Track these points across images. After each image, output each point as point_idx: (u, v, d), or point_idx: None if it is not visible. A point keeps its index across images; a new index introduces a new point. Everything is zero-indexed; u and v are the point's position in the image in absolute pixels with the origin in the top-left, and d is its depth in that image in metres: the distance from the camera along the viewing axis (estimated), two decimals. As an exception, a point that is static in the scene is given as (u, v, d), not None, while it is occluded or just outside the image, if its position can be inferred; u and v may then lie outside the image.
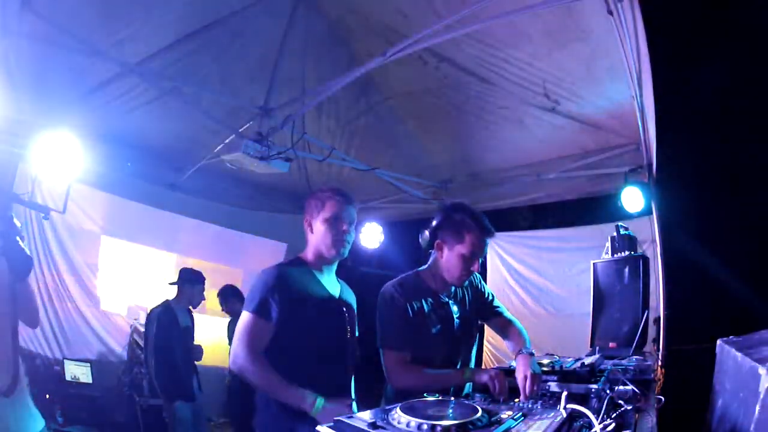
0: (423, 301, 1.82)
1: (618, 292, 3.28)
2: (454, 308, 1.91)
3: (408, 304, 1.78)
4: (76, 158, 3.10)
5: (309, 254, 1.78)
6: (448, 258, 1.82)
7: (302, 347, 1.62)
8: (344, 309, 1.79)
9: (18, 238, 1.66)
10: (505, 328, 2.00)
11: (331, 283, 1.80)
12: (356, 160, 4.34)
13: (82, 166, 3.17)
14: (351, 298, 1.88)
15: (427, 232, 1.89)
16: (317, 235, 1.73)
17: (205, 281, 3.68)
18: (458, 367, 1.89)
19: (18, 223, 1.73)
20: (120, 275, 4.72)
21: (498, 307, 2.05)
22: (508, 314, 2.05)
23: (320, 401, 1.49)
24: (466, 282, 1.96)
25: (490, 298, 2.05)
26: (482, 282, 2.08)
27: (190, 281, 3.56)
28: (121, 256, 4.74)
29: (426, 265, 1.93)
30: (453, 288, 1.93)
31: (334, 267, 1.83)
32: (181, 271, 3.67)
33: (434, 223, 1.88)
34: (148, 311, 3.56)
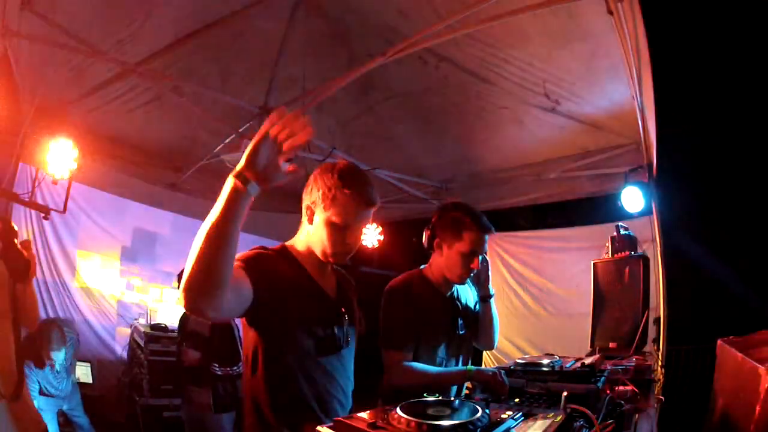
0: (427, 299, 1.83)
1: (618, 292, 3.28)
2: (457, 306, 1.93)
3: (412, 302, 1.78)
4: (76, 158, 3.11)
5: (299, 244, 1.45)
6: (449, 256, 1.82)
7: (294, 352, 1.34)
8: (341, 308, 1.47)
9: (16, 241, 1.67)
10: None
11: (325, 279, 1.48)
12: (356, 160, 4.34)
13: (82, 166, 3.18)
14: (350, 288, 1.61)
15: (426, 231, 1.91)
16: (316, 233, 1.39)
17: None
18: (459, 366, 1.90)
19: (15, 227, 1.74)
20: (120, 276, 4.72)
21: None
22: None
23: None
24: (468, 281, 1.98)
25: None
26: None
27: None
28: (121, 257, 4.74)
29: (428, 264, 1.94)
30: (455, 287, 1.94)
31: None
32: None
33: (432, 222, 1.89)
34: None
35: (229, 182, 1.07)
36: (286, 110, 1.08)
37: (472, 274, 1.86)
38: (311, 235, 1.41)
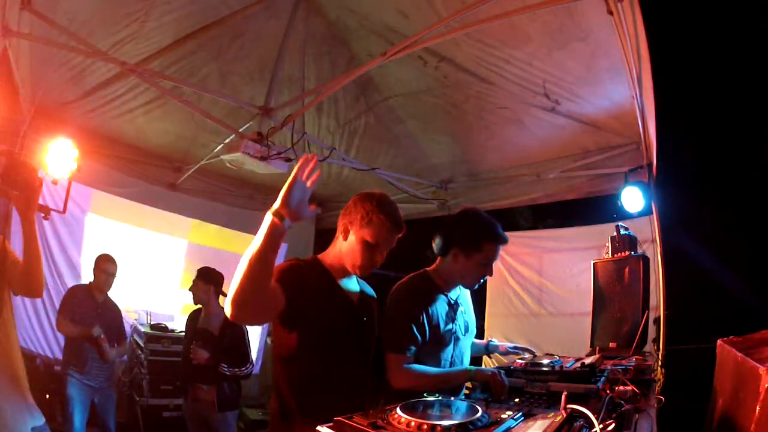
0: (433, 301, 1.84)
1: (618, 292, 3.27)
2: (461, 308, 1.95)
3: (418, 305, 1.79)
4: (76, 158, 3.10)
5: (330, 257, 1.64)
6: (465, 265, 1.85)
7: (319, 352, 1.52)
8: (363, 315, 1.67)
9: (15, 154, 1.67)
10: None
11: (351, 287, 1.67)
12: (356, 160, 4.34)
13: (82, 166, 3.17)
14: (372, 296, 1.78)
15: (439, 238, 1.91)
16: (349, 248, 1.59)
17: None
18: (461, 366, 1.91)
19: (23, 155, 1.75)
20: (120, 275, 4.72)
21: None
22: None
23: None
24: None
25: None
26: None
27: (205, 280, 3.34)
28: (121, 257, 4.74)
29: (434, 266, 1.95)
30: (459, 289, 1.96)
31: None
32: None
33: (449, 229, 1.90)
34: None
35: (268, 218, 1.27)
36: (312, 157, 1.36)
37: (483, 280, 1.92)
38: (344, 249, 1.61)
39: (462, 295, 2.01)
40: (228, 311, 1.29)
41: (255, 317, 1.44)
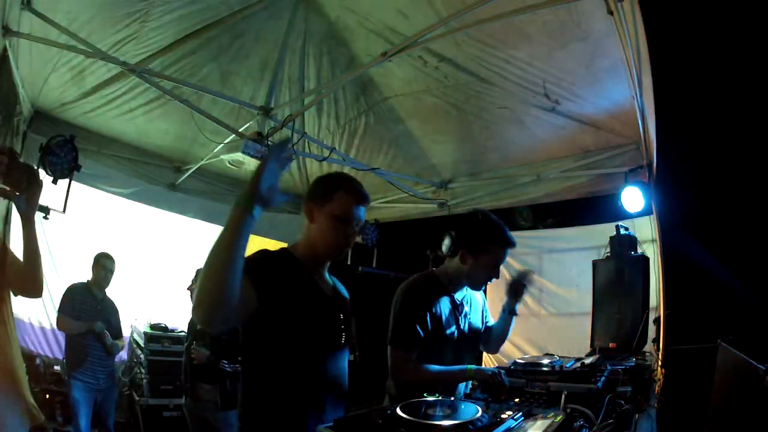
0: (440, 301, 1.86)
1: (618, 292, 3.28)
2: (467, 309, 1.96)
3: (422, 304, 1.80)
4: (76, 158, 3.11)
5: (300, 247, 1.52)
6: (472, 267, 1.87)
7: (295, 350, 1.39)
8: (339, 310, 1.56)
9: (17, 154, 1.65)
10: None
11: (323, 282, 1.56)
12: (356, 160, 4.34)
13: (82, 166, 3.18)
14: (345, 295, 1.66)
15: (448, 238, 1.93)
16: (318, 229, 1.48)
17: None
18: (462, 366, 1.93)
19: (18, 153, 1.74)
20: (120, 276, 4.72)
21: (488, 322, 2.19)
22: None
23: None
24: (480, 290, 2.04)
25: (488, 321, 2.18)
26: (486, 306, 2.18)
27: None
28: (121, 257, 4.74)
29: (442, 267, 1.98)
30: (465, 289, 1.98)
31: (327, 264, 1.58)
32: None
33: (458, 231, 1.93)
34: None
35: (235, 209, 1.16)
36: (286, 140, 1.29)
37: (490, 282, 1.94)
38: (313, 233, 1.49)
39: (470, 296, 2.03)
40: (196, 318, 1.15)
41: (226, 322, 1.22)
